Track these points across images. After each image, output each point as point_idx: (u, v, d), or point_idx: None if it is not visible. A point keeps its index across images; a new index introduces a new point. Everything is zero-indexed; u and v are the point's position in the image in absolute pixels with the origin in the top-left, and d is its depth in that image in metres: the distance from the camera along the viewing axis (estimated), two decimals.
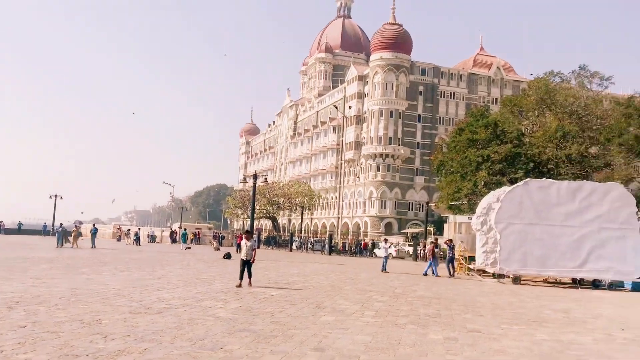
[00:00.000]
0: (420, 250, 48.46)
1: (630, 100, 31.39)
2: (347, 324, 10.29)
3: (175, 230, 66.42)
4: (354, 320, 10.80)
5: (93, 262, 23.48)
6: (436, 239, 27.07)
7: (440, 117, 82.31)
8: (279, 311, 11.41)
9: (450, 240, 26.76)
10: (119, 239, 59.66)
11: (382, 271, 26.39)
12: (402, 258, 48.62)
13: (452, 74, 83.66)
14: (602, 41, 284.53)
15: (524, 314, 13.34)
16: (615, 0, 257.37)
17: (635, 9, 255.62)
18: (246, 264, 15.74)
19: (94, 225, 37.18)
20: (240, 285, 15.40)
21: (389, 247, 30.06)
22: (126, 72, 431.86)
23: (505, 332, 10.41)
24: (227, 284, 16.60)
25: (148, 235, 61.20)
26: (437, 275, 25.47)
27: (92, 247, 35.52)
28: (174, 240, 60.16)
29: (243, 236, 16.36)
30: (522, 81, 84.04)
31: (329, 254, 48.34)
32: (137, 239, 50.63)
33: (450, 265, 26.03)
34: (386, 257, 27.40)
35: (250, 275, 15.89)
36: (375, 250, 52.84)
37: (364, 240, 58.06)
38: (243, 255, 15.79)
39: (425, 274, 25.84)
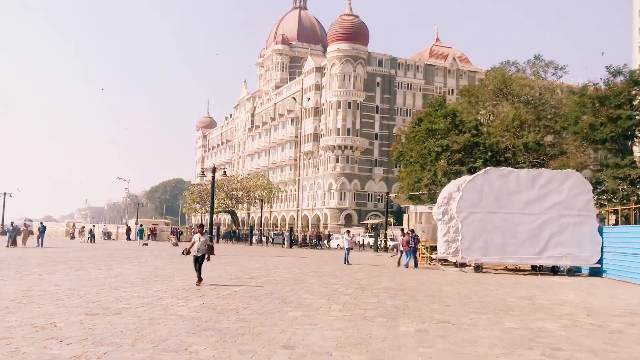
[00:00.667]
0: (381, 241, 48.64)
1: (583, 89, 32.03)
2: (315, 318, 10.04)
3: (130, 226, 64.90)
4: (322, 314, 10.56)
5: (46, 261, 22.57)
6: (411, 230, 27.06)
7: (398, 108, 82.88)
8: (243, 308, 11.07)
9: (412, 231, 26.75)
10: (72, 237, 58.01)
11: (345, 263, 26.25)
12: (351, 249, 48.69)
13: (408, 65, 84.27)
14: (556, 31, 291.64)
15: (490, 302, 13.36)
16: None
17: None
18: (198, 260, 14.84)
19: (41, 223, 35.69)
20: (199, 282, 14.76)
21: (352, 238, 29.94)
22: (78, 63, 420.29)
23: (474, 321, 10.34)
24: (187, 280, 16.13)
25: (102, 232, 59.60)
26: (406, 266, 25.50)
27: (39, 246, 33.95)
28: (129, 237, 58.76)
29: (197, 230, 15.49)
30: (477, 72, 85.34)
31: (290, 247, 48.06)
32: (92, 237, 49.26)
33: (413, 256, 26.03)
34: (348, 249, 27.28)
35: (199, 274, 14.87)
36: (332, 242, 52.79)
37: (319, 232, 57.93)
38: (195, 250, 14.82)
39: (407, 266, 25.75)
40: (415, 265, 25.69)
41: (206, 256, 15.00)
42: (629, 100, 30.60)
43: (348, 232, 29.19)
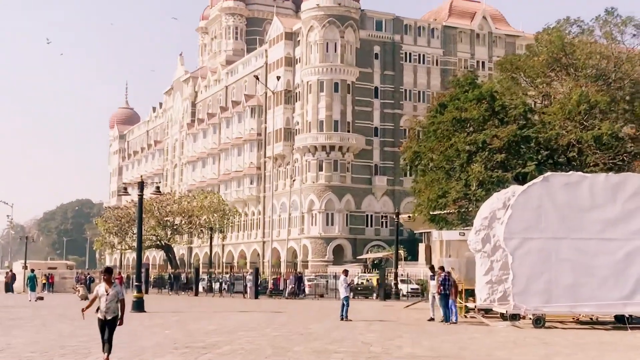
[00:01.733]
0: (390, 283, 48.25)
1: None
2: None
3: (14, 272, 63.62)
4: None
5: None
6: (441, 268, 26.72)
7: (406, 91, 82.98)
8: None
9: (443, 269, 26.36)
10: None
11: (342, 319, 25.70)
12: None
13: (420, 27, 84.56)
14: None
15: None
16: None
17: None
18: (106, 326, 13.37)
19: None
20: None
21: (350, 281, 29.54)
22: None
23: None
24: (113, 352, 15.46)
25: None
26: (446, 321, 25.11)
27: None
28: (8, 289, 57.53)
29: (102, 279, 13.98)
30: (518, 36, 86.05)
31: (256, 297, 47.40)
32: None
33: (443, 305, 25.63)
34: (347, 298, 26.74)
35: (109, 348, 13.49)
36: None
37: (298, 273, 57.15)
38: (101, 311, 13.30)
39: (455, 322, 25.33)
40: (454, 320, 25.27)
41: (118, 318, 13.49)
42: None
43: (345, 272, 28.64)
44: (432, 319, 25.85)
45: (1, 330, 21.59)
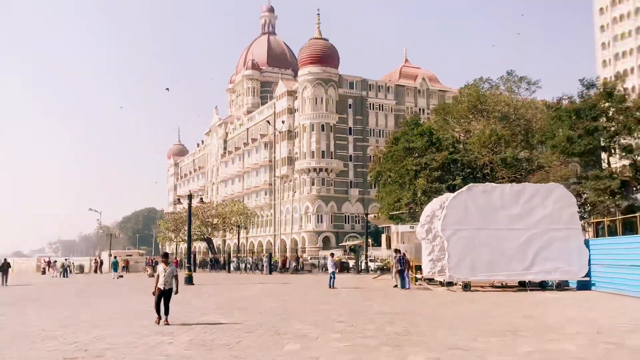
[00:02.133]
0: (362, 262, 47.87)
1: (559, 102, 32.12)
2: (316, 350, 9.21)
3: (96, 259, 62.88)
4: (322, 345, 9.73)
5: (16, 299, 21.24)
6: (397, 250, 26.33)
7: (370, 129, 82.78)
8: (236, 342, 10.18)
9: (399, 251, 26.08)
10: (43, 272, 55.93)
11: (330, 287, 25.39)
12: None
13: (379, 86, 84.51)
14: (527, 45, 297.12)
15: (494, 323, 12.68)
16: (536, 5, 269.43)
17: (557, 10, 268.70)
18: (164, 296, 12.92)
19: (5, 259, 33.51)
20: (159, 321, 12.83)
21: (336, 261, 29.20)
22: (45, 93, 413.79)
23: (486, 346, 9.62)
24: (172, 313, 15.10)
25: (65, 266, 55.30)
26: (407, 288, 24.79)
27: (3, 285, 31.75)
28: (97, 270, 56.93)
29: (161, 261, 13.56)
30: (447, 90, 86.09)
31: (270, 273, 46.90)
32: (65, 271, 47.46)
33: (400, 277, 25.31)
34: (333, 273, 26.43)
35: (167, 311, 12.98)
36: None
37: (298, 256, 56.80)
38: (161, 283, 12.86)
39: (408, 288, 24.99)
40: (406, 287, 24.95)
41: (174, 289, 13.06)
42: (603, 112, 30.68)
43: (332, 255, 28.39)
44: (395, 286, 25.54)
45: (94, 299, 21.18)
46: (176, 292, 13.12)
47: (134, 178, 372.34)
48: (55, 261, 52.79)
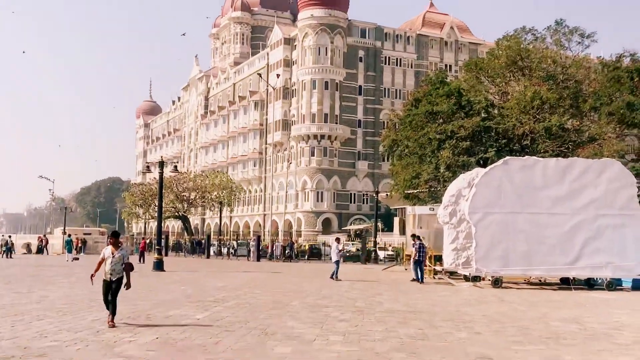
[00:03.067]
0: (369, 250, 47.91)
1: (618, 61, 31.62)
2: (311, 357, 9.03)
3: (41, 237, 62.89)
4: (319, 351, 9.55)
5: None
6: (416, 237, 26.20)
7: (385, 89, 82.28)
8: (213, 343, 10.00)
9: (417, 238, 25.92)
10: None
11: (334, 278, 25.20)
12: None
13: (397, 35, 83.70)
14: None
15: (530, 328, 12.51)
16: None
17: None
18: (111, 288, 11.72)
19: None
20: (111, 323, 11.50)
21: (342, 248, 29.13)
22: None
23: (522, 355, 9.45)
24: (135, 304, 14.98)
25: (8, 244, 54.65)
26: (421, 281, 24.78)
27: None
28: (42, 250, 57.07)
29: (109, 242, 12.40)
30: (480, 44, 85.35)
31: (257, 260, 46.97)
32: (8, 250, 47.45)
33: (417, 268, 25.22)
34: (338, 262, 26.27)
35: (114, 309, 11.73)
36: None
37: (292, 241, 56.92)
38: (107, 272, 11.70)
39: (422, 281, 24.98)
40: (421, 280, 24.87)
41: (124, 281, 11.83)
42: None
43: (337, 240, 28.13)
44: (413, 280, 25.33)
45: (41, 285, 21.05)
46: (127, 287, 11.87)
47: (95, 141, 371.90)
48: None
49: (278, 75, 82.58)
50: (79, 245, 54.41)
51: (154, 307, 14.87)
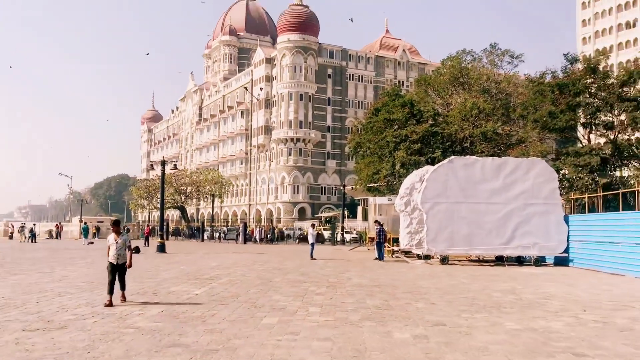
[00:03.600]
0: (338, 234, 47.74)
1: (542, 77, 31.77)
2: (295, 326, 8.77)
3: (58, 224, 61.90)
4: (301, 320, 9.29)
5: None
6: (377, 222, 25.97)
7: (349, 100, 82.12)
8: (210, 315, 9.69)
9: (379, 223, 25.76)
10: (11, 237, 54.67)
11: (312, 258, 24.97)
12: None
13: (359, 56, 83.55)
14: (505, 24, 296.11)
15: (475, 298, 12.40)
16: None
17: None
18: (117, 271, 11.01)
19: None
20: (110, 304, 10.51)
21: (316, 232, 28.82)
22: (16, 51, 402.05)
23: (471, 322, 9.29)
24: (142, 282, 14.57)
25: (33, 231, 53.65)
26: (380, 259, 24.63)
27: None
28: (57, 235, 56.07)
29: (111, 229, 11.55)
30: (427, 64, 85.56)
31: (244, 243, 46.49)
32: (33, 236, 46.36)
33: (378, 248, 25.07)
34: (313, 244, 26.03)
35: (123, 286, 11.18)
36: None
37: (274, 227, 56.58)
38: (113, 257, 11.01)
39: (382, 259, 24.80)
40: (381, 258, 24.74)
41: (127, 263, 11.18)
42: (586, 88, 30.45)
43: (313, 225, 27.94)
44: (376, 259, 25.18)
45: (62, 266, 20.46)
46: (129, 266, 11.22)
47: (107, 144, 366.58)
48: (23, 226, 51.45)
49: (261, 89, 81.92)
50: (94, 231, 53.37)
51: (158, 284, 14.47)
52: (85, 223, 47.86)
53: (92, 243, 42.46)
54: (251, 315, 9.66)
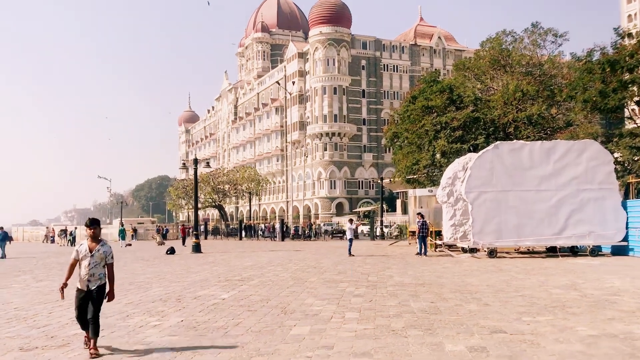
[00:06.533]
0: (377, 228, 46.37)
1: (589, 54, 29.72)
2: (328, 336, 7.57)
3: (65, 228, 61.08)
4: (336, 329, 8.09)
5: (7, 271, 19.90)
6: (420, 215, 24.52)
7: (384, 92, 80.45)
8: (234, 324, 8.58)
9: (422, 216, 24.35)
10: (52, 241, 55.17)
11: (350, 254, 23.72)
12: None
13: (393, 46, 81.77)
14: (547, 4, 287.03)
15: (533, 297, 10.97)
16: None
17: None
18: (90, 300, 6.91)
19: (1, 229, 31.04)
20: (93, 350, 6.76)
21: (355, 227, 27.51)
22: (57, 60, 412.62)
23: (534, 327, 7.94)
24: (168, 287, 13.62)
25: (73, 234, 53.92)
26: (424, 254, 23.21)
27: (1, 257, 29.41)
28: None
29: (87, 233, 7.20)
30: (464, 50, 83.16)
31: (282, 240, 45.59)
32: (73, 239, 46.45)
33: (421, 243, 23.66)
34: (351, 240, 24.78)
35: (96, 330, 6.89)
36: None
37: (310, 222, 55.51)
38: (81, 279, 6.97)
39: (425, 254, 23.44)
40: (425, 254, 23.33)
41: (107, 291, 7.09)
42: None
43: (351, 220, 26.59)
44: (418, 254, 23.74)
45: None
46: (110, 298, 7.11)
47: (147, 146, 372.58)
48: (63, 229, 51.71)
49: (293, 83, 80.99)
50: (132, 233, 53.36)
51: (184, 288, 13.49)
52: (122, 225, 47.67)
53: (129, 245, 42.14)
54: (280, 324, 8.52)
